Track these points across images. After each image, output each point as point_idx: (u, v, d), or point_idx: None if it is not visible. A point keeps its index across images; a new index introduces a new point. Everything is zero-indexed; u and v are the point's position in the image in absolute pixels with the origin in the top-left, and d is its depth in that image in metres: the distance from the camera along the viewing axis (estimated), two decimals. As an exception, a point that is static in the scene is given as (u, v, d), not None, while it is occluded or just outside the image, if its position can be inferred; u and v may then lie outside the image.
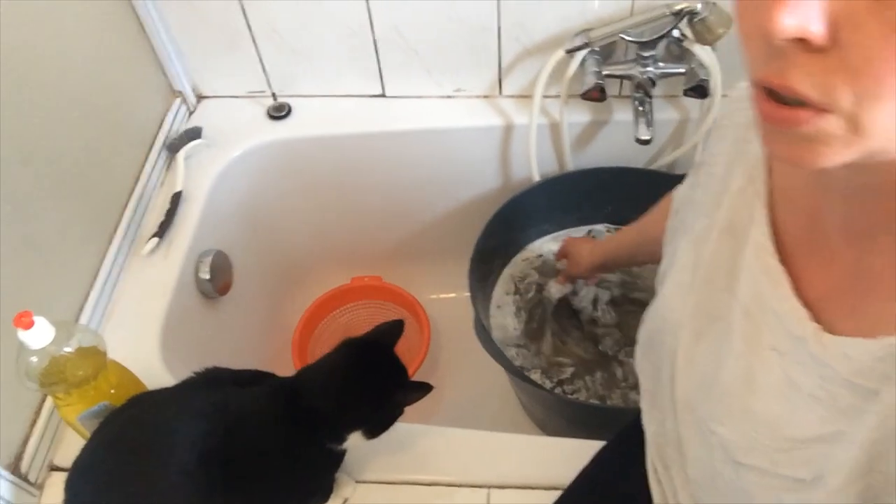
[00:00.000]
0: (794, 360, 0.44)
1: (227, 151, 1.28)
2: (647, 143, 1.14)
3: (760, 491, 0.47)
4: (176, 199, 1.19)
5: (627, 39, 1.10)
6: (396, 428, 0.82)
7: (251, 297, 1.35)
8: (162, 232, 1.15)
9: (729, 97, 0.58)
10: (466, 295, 1.49)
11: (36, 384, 0.80)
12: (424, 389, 0.81)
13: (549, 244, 1.36)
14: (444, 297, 1.55)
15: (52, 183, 0.98)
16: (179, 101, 1.31)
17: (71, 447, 0.91)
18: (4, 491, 0.85)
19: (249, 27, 1.22)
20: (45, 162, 0.96)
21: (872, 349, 0.40)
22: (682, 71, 1.13)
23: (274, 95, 1.34)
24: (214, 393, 0.80)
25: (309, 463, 0.80)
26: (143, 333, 1.05)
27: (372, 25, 1.20)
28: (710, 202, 0.56)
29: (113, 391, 0.85)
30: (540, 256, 1.35)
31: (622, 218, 1.36)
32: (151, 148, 1.23)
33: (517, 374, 1.08)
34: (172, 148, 1.25)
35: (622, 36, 1.10)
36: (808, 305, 0.45)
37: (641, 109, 1.16)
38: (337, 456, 0.82)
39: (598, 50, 1.15)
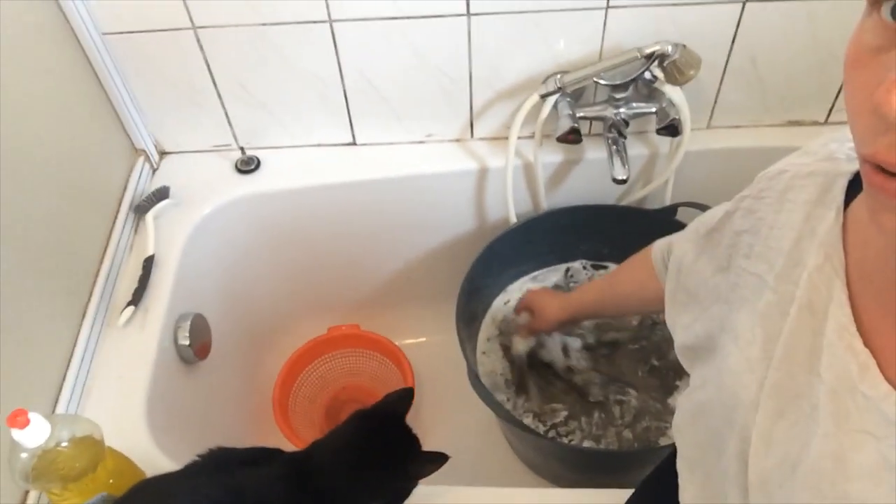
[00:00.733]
0: (891, 443, 0.44)
1: (196, 209, 1.24)
2: (623, 182, 1.16)
3: None
4: (148, 263, 1.15)
5: (601, 83, 1.12)
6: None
7: (230, 357, 1.31)
8: (137, 299, 1.10)
9: (786, 173, 0.58)
10: (439, 338, 1.49)
11: (28, 482, 0.75)
12: (439, 460, 0.79)
13: (528, 284, 1.36)
14: (413, 342, 1.54)
15: (18, 262, 0.92)
16: (143, 159, 1.27)
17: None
18: None
19: (213, 80, 1.20)
20: (10, 239, 0.91)
21: None
22: (653, 110, 1.16)
23: (242, 149, 1.31)
24: (225, 478, 0.77)
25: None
26: (126, 409, 1.01)
27: (342, 75, 1.19)
28: (773, 276, 0.56)
29: (112, 481, 0.81)
30: (507, 303, 1.35)
31: (598, 253, 1.38)
32: (118, 212, 1.19)
33: (514, 423, 1.08)
34: (140, 210, 1.21)
35: (596, 80, 1.11)
36: (891, 383, 0.45)
37: (615, 149, 1.18)
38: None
39: (569, 92, 1.17)
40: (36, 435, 0.73)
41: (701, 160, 1.27)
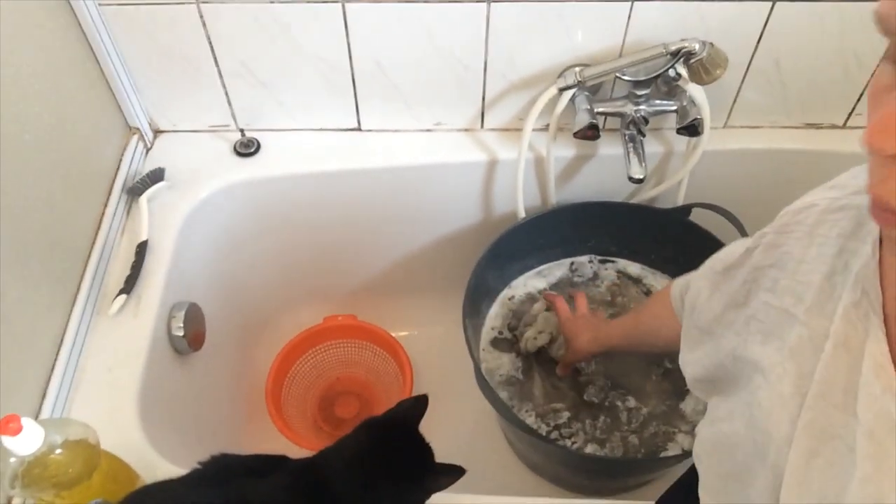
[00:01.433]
0: None
1: (192, 193, 1.18)
2: (640, 181, 1.12)
3: None
4: (142, 249, 1.09)
5: (623, 79, 1.08)
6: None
7: (225, 347, 1.27)
8: (129, 287, 1.05)
9: (817, 206, 0.57)
10: (437, 330, 1.46)
11: (19, 490, 0.71)
12: (455, 474, 0.76)
13: (532, 280, 1.33)
14: (411, 333, 1.50)
15: (3, 246, 0.86)
16: (136, 138, 1.21)
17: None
18: None
19: (215, 57, 1.13)
20: (3, 223, 0.86)
21: None
22: (674, 108, 1.12)
23: (242, 131, 1.25)
24: (229, 489, 0.73)
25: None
26: (117, 402, 0.96)
27: (351, 59, 1.13)
28: (802, 310, 0.54)
29: (107, 486, 0.76)
30: (512, 298, 1.32)
31: (606, 250, 1.34)
32: (110, 193, 1.13)
33: (519, 425, 1.05)
34: (133, 192, 1.15)
35: (618, 75, 1.07)
36: None
37: (633, 146, 1.14)
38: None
39: (587, 86, 1.13)
40: (29, 442, 0.68)
41: (716, 160, 1.24)
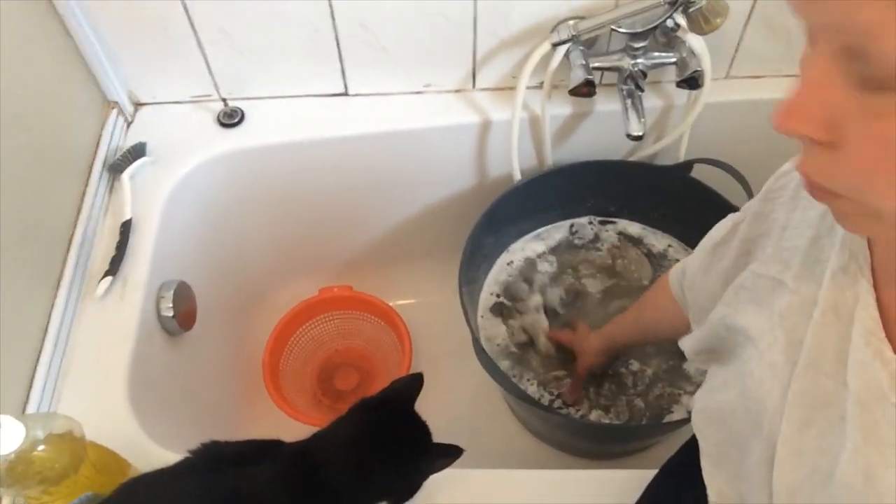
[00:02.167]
0: None
1: (176, 167, 1.14)
2: (639, 139, 1.08)
3: None
4: (126, 228, 1.06)
5: (619, 31, 1.03)
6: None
7: (217, 325, 1.24)
8: (115, 268, 1.02)
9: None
10: (435, 298, 1.42)
11: (4, 489, 0.69)
12: (453, 454, 0.73)
13: (531, 244, 1.29)
14: (408, 302, 1.47)
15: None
16: (116, 112, 1.16)
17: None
18: None
19: (192, 25, 1.08)
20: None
21: None
22: (673, 60, 1.07)
23: (224, 101, 1.20)
24: (220, 477, 0.70)
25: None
26: (107, 388, 0.93)
27: (334, 21, 1.08)
28: (790, 276, 0.53)
29: (96, 478, 0.74)
30: (511, 263, 1.29)
31: (605, 210, 1.30)
32: (91, 171, 1.09)
33: (520, 395, 1.02)
34: (115, 169, 1.11)
35: (613, 28, 1.02)
36: None
37: (631, 102, 1.09)
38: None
39: (582, 40, 1.07)
40: (8, 440, 0.65)
41: (718, 112, 1.19)
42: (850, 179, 0.37)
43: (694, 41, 1.04)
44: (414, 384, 0.78)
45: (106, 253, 1.04)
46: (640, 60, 1.07)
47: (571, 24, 1.03)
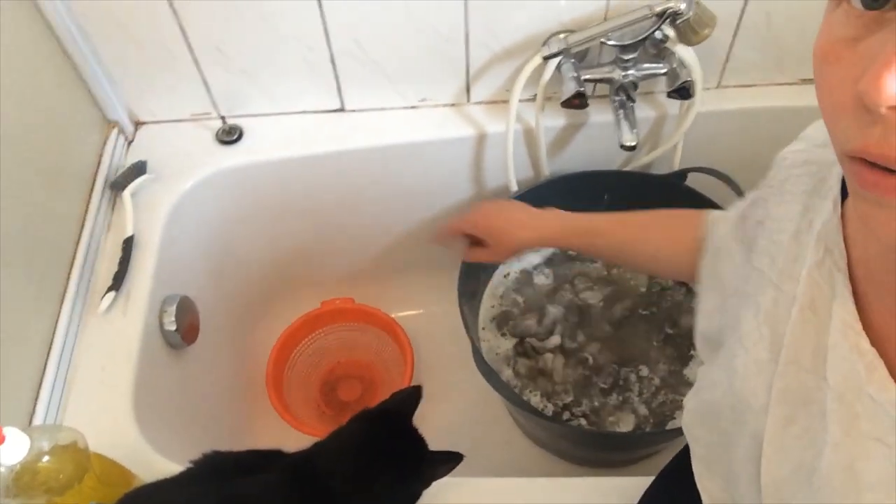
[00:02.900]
0: None
1: (176, 184, 1.16)
2: (632, 149, 1.10)
3: None
4: (128, 244, 1.08)
5: (608, 44, 1.05)
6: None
7: (220, 339, 1.25)
8: (117, 284, 1.04)
9: (785, 161, 0.55)
10: (436, 309, 1.44)
11: (10, 499, 0.70)
12: (454, 460, 0.75)
13: (528, 255, 1.30)
14: (409, 314, 1.48)
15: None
16: (116, 131, 1.19)
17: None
18: None
19: (189, 45, 1.10)
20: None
21: None
22: (663, 71, 1.09)
23: (223, 118, 1.22)
24: (221, 488, 0.72)
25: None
26: (112, 402, 0.95)
27: (328, 38, 1.10)
28: (775, 273, 0.53)
29: (101, 488, 0.76)
30: (507, 276, 1.30)
31: (602, 220, 1.31)
32: (93, 190, 1.11)
33: (523, 406, 1.03)
34: (116, 186, 1.13)
35: (603, 41, 1.04)
36: None
37: (623, 113, 1.11)
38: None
39: (573, 53, 1.09)
40: (13, 451, 0.67)
41: (711, 122, 1.20)
42: None
43: (683, 52, 1.06)
44: (413, 396, 0.79)
45: (109, 269, 1.06)
46: (630, 72, 1.08)
47: (562, 37, 1.05)
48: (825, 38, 0.36)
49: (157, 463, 0.89)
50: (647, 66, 1.09)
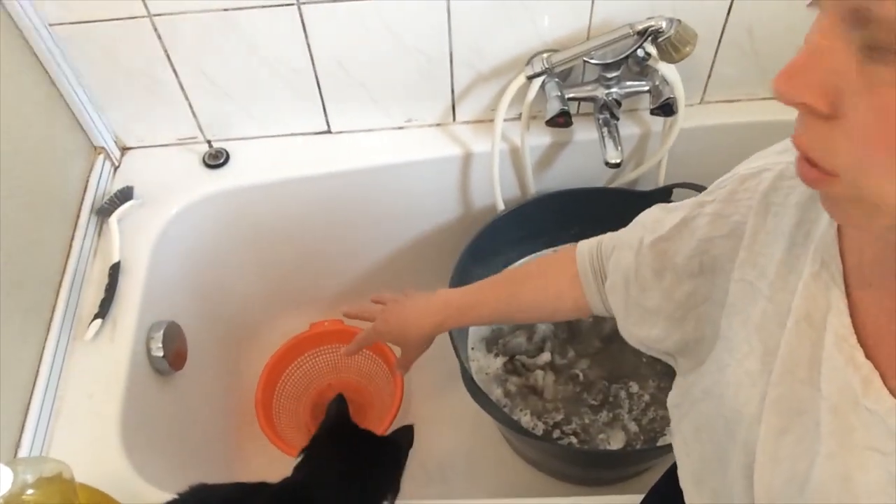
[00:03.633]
0: None
1: (163, 210, 1.16)
2: (617, 166, 1.10)
3: None
4: (115, 270, 1.07)
5: (591, 62, 1.05)
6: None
7: (208, 364, 1.25)
8: (104, 311, 1.03)
9: (771, 172, 0.54)
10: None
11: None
12: (409, 433, 0.79)
13: (517, 272, 1.31)
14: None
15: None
16: (102, 157, 1.19)
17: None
18: None
19: (174, 70, 1.11)
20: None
21: None
22: (646, 88, 1.10)
23: (209, 142, 1.22)
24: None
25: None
26: (99, 429, 0.95)
27: (313, 61, 1.11)
28: (766, 284, 0.52)
29: (85, 522, 0.75)
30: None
31: (588, 237, 1.31)
32: (79, 216, 1.11)
33: (513, 426, 1.03)
34: (103, 212, 1.13)
35: (586, 59, 1.05)
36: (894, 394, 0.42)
37: (607, 131, 1.11)
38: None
39: (556, 72, 1.10)
40: (-3, 485, 0.66)
41: (695, 137, 1.21)
42: (848, 154, 0.35)
43: (666, 69, 1.07)
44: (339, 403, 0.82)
45: (95, 296, 1.05)
46: (613, 90, 1.09)
47: (545, 56, 1.06)
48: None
49: (145, 492, 0.88)
50: (630, 83, 1.10)
